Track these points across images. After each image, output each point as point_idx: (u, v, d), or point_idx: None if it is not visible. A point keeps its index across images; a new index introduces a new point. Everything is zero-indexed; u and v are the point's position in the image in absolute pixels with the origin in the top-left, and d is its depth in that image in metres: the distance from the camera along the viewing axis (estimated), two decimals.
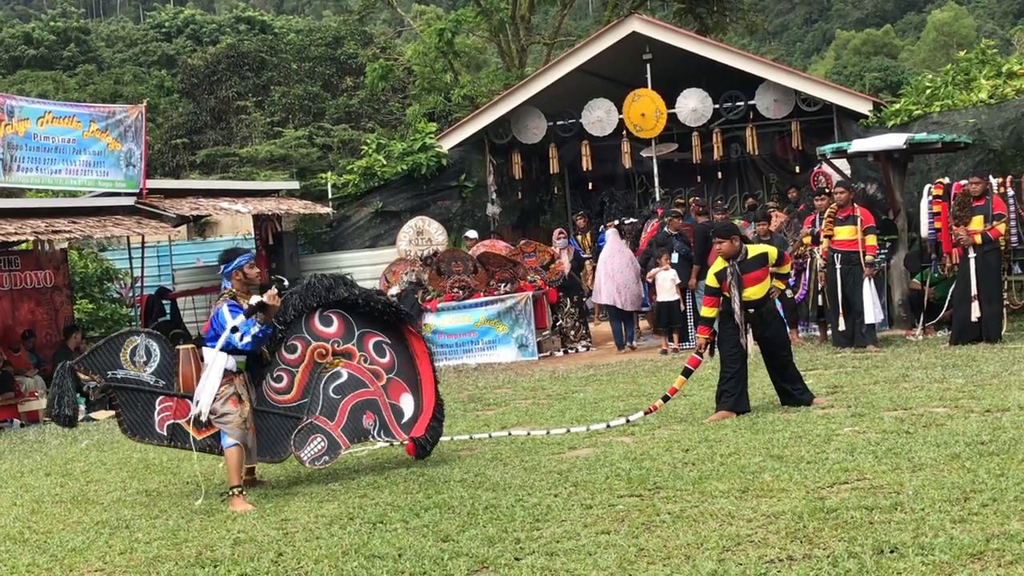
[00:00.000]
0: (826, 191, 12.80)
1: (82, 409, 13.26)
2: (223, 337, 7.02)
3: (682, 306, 13.60)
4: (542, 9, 31.55)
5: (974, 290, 11.34)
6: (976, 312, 11.31)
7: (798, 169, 19.12)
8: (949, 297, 12.13)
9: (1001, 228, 11.40)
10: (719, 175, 20.08)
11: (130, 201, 15.15)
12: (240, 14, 72.86)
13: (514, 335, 14.59)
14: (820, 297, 12.35)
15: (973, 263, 11.40)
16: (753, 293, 8.51)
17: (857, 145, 13.63)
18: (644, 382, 10.96)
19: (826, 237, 12.05)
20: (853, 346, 11.72)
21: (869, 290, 11.83)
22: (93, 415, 13.21)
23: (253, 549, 5.75)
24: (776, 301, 8.92)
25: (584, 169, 19.36)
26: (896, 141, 13.16)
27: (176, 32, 70.74)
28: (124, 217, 14.88)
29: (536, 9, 29.68)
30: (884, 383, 9.26)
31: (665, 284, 13.50)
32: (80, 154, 14.50)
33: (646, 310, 14.72)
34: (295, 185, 19.66)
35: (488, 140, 18.97)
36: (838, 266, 11.93)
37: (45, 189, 17.26)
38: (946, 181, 12.57)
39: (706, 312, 8.73)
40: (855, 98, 17.31)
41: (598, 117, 18.34)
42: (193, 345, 7.44)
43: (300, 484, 7.52)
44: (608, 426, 8.45)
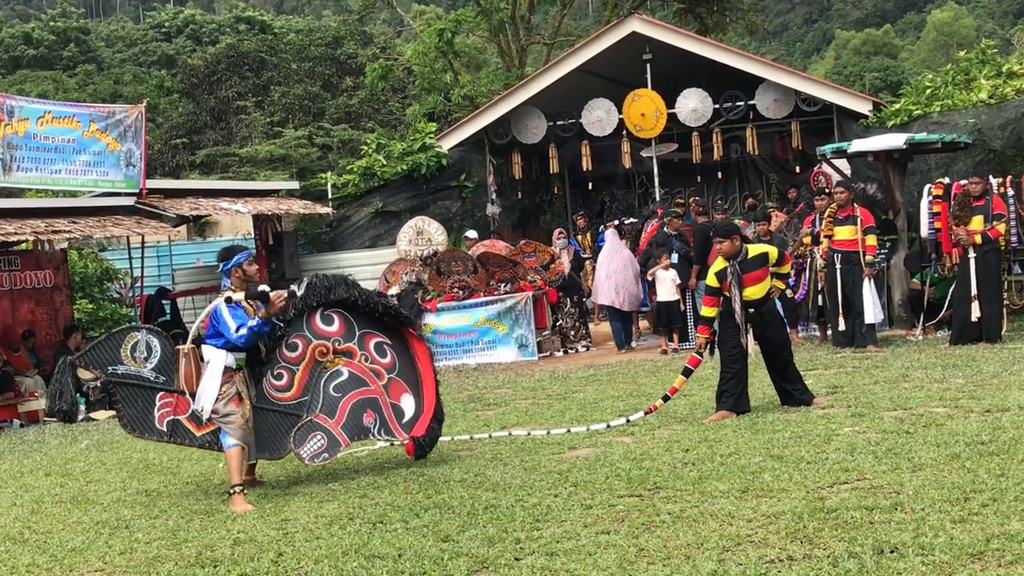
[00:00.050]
0: (826, 191, 12.80)
1: (82, 409, 13.27)
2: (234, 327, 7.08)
3: (682, 306, 13.61)
4: (542, 9, 31.55)
5: (974, 290, 11.34)
6: (976, 312, 11.31)
7: (798, 169, 19.12)
8: (949, 297, 12.13)
9: (1001, 228, 11.40)
10: (719, 175, 20.08)
11: (130, 201, 15.16)
12: (240, 14, 72.90)
13: (514, 335, 14.59)
14: (820, 297, 12.35)
15: (973, 263, 11.40)
16: (753, 293, 8.51)
17: (857, 145, 13.63)
18: (644, 382, 10.96)
19: (826, 237, 12.05)
20: (853, 346, 11.72)
21: (869, 290, 11.83)
22: (93, 415, 13.21)
23: (253, 549, 5.75)
24: (776, 301, 8.92)
25: (584, 169, 19.35)
26: (896, 141, 13.16)
27: (176, 32, 70.78)
28: (124, 217, 14.90)
29: (536, 9, 29.67)
30: (884, 383, 9.26)
31: (665, 284, 13.50)
32: (80, 154, 14.51)
33: (646, 310, 14.73)
34: (295, 185, 19.66)
35: (488, 140, 18.96)
36: (838, 266, 11.94)
37: (45, 189, 17.26)
38: (946, 181, 12.57)
39: (706, 312, 8.73)
40: (855, 98, 17.31)
41: (598, 117, 18.34)
42: (193, 346, 7.45)
43: (300, 484, 7.52)
44: (608, 426, 8.45)
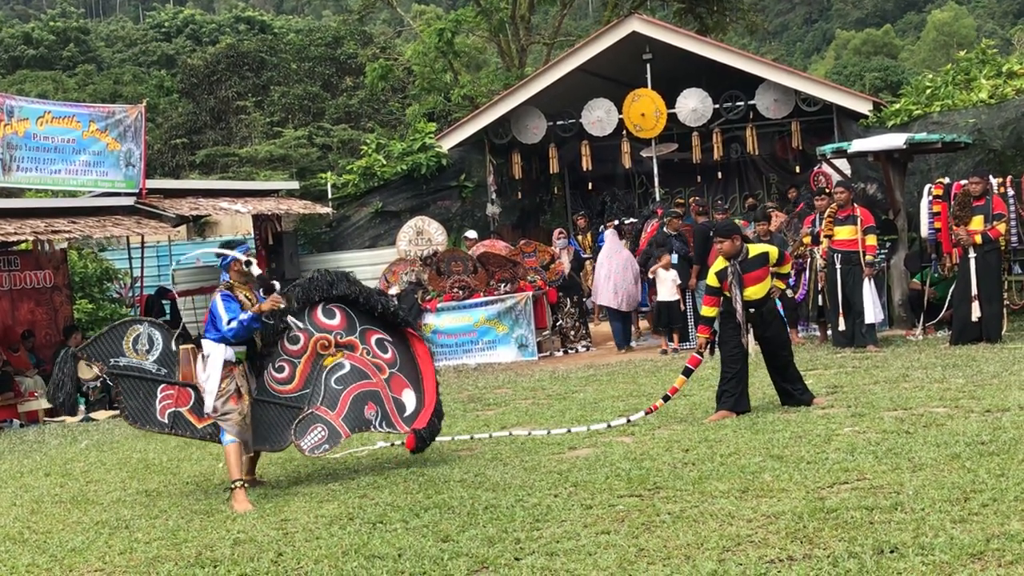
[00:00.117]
0: (826, 191, 12.80)
1: (82, 409, 13.28)
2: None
3: (682, 306, 13.60)
4: (542, 9, 31.54)
5: (974, 290, 11.34)
6: (976, 312, 11.31)
7: (798, 169, 19.11)
8: (949, 297, 12.13)
9: (1001, 228, 11.39)
10: (719, 175, 20.07)
11: (130, 201, 15.16)
12: (240, 14, 72.89)
13: (514, 335, 14.59)
14: (820, 297, 12.35)
15: (973, 263, 11.39)
16: (754, 293, 8.50)
17: (857, 145, 13.63)
18: (644, 382, 10.96)
19: (826, 237, 12.05)
20: (853, 346, 11.72)
21: (869, 290, 11.83)
22: (93, 415, 13.21)
23: (253, 549, 5.75)
24: (776, 301, 8.92)
25: (584, 169, 19.35)
26: (896, 141, 13.16)
27: (176, 32, 70.77)
28: (124, 217, 14.89)
29: (536, 9, 29.66)
30: (884, 383, 9.25)
31: (666, 284, 13.50)
32: (80, 154, 14.50)
33: (645, 310, 14.73)
34: (295, 185, 19.65)
35: (488, 140, 18.96)
36: (838, 266, 11.93)
37: (45, 189, 17.26)
38: (946, 181, 12.56)
39: (706, 312, 8.73)
40: (855, 98, 17.31)
41: (598, 117, 18.34)
42: (193, 345, 7.46)
43: (300, 484, 7.52)
44: (609, 426, 8.45)
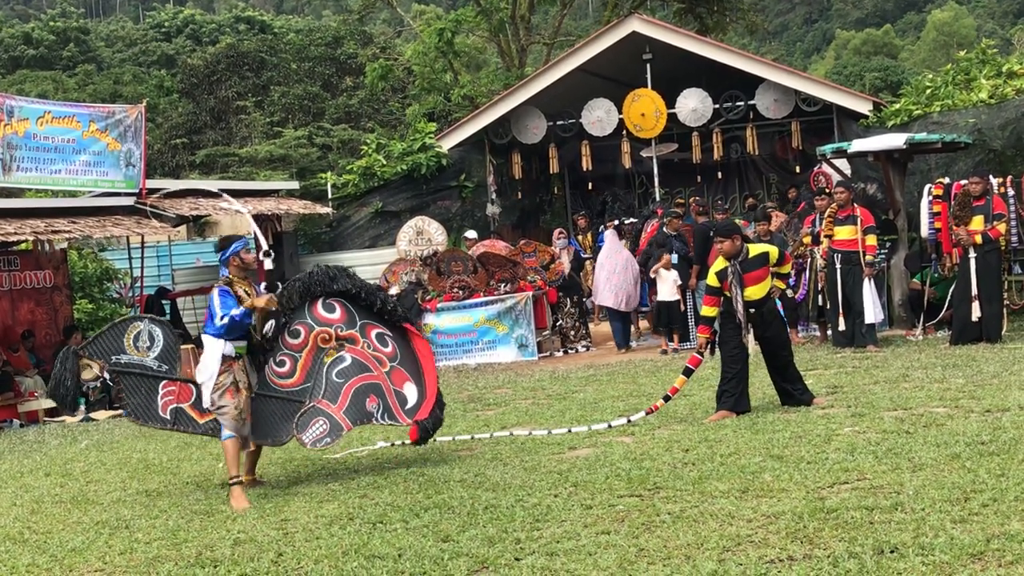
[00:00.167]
0: (826, 191, 12.80)
1: (82, 409, 13.27)
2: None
3: (682, 306, 13.60)
4: (542, 9, 31.54)
5: (974, 290, 11.34)
6: (976, 312, 11.31)
7: (798, 169, 19.12)
8: (949, 297, 12.13)
9: (1001, 228, 11.39)
10: (719, 175, 20.07)
11: (130, 201, 15.16)
12: (240, 14, 72.88)
13: (514, 335, 14.59)
14: (820, 297, 12.35)
15: (973, 263, 11.39)
16: (754, 293, 8.50)
17: (857, 145, 13.63)
18: (644, 382, 10.96)
19: (826, 237, 12.05)
20: (853, 346, 11.71)
21: (869, 290, 11.83)
22: (93, 415, 13.21)
23: (253, 549, 5.75)
24: (777, 301, 8.92)
25: (584, 169, 19.35)
26: (896, 141, 13.16)
27: (176, 32, 70.77)
28: (124, 217, 14.89)
29: (536, 9, 29.66)
30: (884, 383, 9.25)
31: (667, 283, 13.50)
32: (80, 154, 14.50)
33: (646, 310, 14.72)
34: (295, 185, 19.66)
35: (488, 140, 18.96)
36: (838, 266, 11.93)
37: (45, 189, 17.26)
38: (946, 181, 12.57)
39: (707, 311, 8.73)
40: (855, 98, 17.31)
41: (598, 117, 18.34)
42: (193, 345, 7.47)
43: (300, 484, 7.52)
44: (610, 426, 8.45)
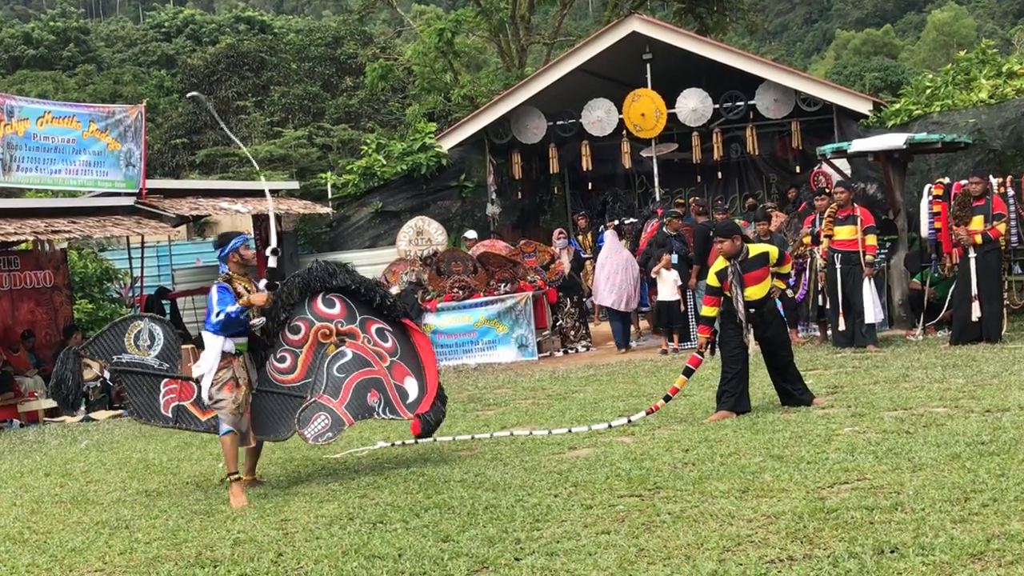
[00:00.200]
0: (826, 191, 12.80)
1: (82, 409, 13.27)
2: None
3: (682, 306, 13.60)
4: (542, 9, 31.54)
5: (974, 290, 11.33)
6: (976, 312, 11.31)
7: (798, 169, 19.12)
8: (949, 297, 12.13)
9: (1001, 228, 11.39)
10: (719, 175, 20.07)
11: (130, 201, 15.16)
12: (240, 14, 72.89)
13: (514, 335, 14.58)
14: (820, 297, 12.35)
15: (973, 263, 11.39)
16: (754, 292, 8.50)
17: (857, 145, 13.63)
18: (644, 382, 10.96)
19: (826, 237, 12.05)
20: (853, 346, 11.71)
21: (869, 290, 11.83)
22: (93, 415, 13.21)
23: (253, 549, 5.75)
24: (777, 301, 8.92)
25: (584, 169, 19.34)
26: (896, 141, 13.16)
27: (176, 32, 70.77)
28: (124, 217, 14.89)
29: (536, 9, 29.66)
30: (884, 383, 9.25)
31: (667, 283, 13.50)
32: (80, 154, 14.50)
33: (646, 310, 14.72)
34: (295, 185, 19.66)
35: (488, 140, 18.96)
36: (838, 266, 11.93)
37: (45, 189, 17.27)
38: (946, 181, 12.56)
39: (707, 311, 8.72)
40: (855, 98, 17.31)
41: (598, 117, 18.34)
42: (193, 345, 7.47)
43: (300, 484, 7.52)
44: (610, 426, 8.45)
